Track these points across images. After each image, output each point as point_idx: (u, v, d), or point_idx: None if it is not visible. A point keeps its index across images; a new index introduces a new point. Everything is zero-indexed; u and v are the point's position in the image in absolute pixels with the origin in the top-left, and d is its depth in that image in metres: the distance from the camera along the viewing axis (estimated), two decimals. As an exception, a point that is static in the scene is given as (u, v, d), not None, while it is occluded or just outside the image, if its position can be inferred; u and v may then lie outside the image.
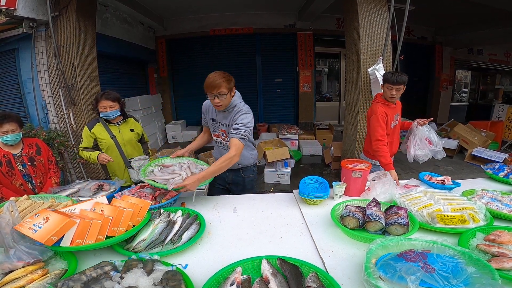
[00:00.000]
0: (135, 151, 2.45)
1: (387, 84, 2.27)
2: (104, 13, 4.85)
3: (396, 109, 2.41)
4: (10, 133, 1.95)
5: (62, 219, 1.08)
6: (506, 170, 2.02)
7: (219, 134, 1.98)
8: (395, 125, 2.44)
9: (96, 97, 2.29)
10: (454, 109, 8.67)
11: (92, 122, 2.34)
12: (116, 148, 2.34)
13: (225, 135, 1.93)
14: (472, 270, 0.86)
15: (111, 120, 2.34)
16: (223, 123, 1.90)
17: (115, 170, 2.43)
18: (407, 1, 3.15)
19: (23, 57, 3.59)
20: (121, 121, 2.38)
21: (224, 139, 1.96)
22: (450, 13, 6.49)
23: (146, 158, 2.45)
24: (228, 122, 1.88)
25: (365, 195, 1.72)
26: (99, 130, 2.31)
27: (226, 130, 1.90)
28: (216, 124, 1.97)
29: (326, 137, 6.26)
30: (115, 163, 2.38)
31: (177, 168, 1.92)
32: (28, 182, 2.09)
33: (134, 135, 2.44)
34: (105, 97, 2.23)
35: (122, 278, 0.90)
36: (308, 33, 7.20)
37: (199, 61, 7.48)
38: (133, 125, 2.46)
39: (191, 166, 1.94)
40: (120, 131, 2.36)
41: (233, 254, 1.20)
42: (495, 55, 8.24)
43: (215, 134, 2.02)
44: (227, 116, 1.87)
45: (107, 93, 2.26)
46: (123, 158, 2.38)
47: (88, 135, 2.30)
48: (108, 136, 2.31)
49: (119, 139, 2.34)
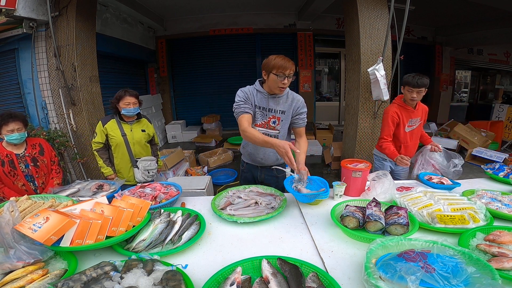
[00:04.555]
0: (143, 151, 2.47)
1: (407, 87, 2.24)
2: (104, 13, 4.85)
3: (416, 113, 2.35)
4: (16, 132, 1.95)
5: (62, 219, 1.08)
6: (506, 170, 2.02)
7: (266, 122, 1.84)
8: (411, 130, 2.39)
9: (119, 94, 2.30)
10: (454, 109, 8.67)
11: (106, 118, 2.39)
12: (125, 146, 2.37)
13: (277, 122, 1.83)
14: (472, 270, 0.86)
15: (127, 118, 2.37)
16: (277, 110, 1.81)
17: (121, 168, 2.45)
18: (407, 1, 3.15)
19: (23, 57, 3.59)
20: (135, 120, 2.41)
21: (275, 127, 1.84)
22: (450, 13, 6.49)
23: (153, 159, 2.49)
24: (284, 109, 1.81)
25: (365, 195, 1.72)
26: (112, 127, 2.35)
27: (281, 117, 1.83)
28: (264, 112, 1.82)
29: (326, 137, 6.27)
30: (122, 161, 2.42)
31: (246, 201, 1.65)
32: (30, 182, 2.09)
33: (144, 135, 2.46)
34: (129, 93, 2.29)
35: (122, 278, 0.90)
36: (308, 33, 7.20)
37: (199, 61, 7.48)
38: (145, 126, 2.48)
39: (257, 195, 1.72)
40: (132, 130, 2.38)
41: (233, 254, 1.20)
42: (495, 55, 8.24)
43: (259, 123, 1.85)
44: (278, 101, 1.80)
45: (130, 90, 2.31)
46: (130, 157, 2.41)
47: (101, 130, 2.35)
48: (119, 134, 2.34)
49: (129, 137, 2.37)
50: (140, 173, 2.40)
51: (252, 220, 1.43)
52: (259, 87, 1.80)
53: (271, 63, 1.67)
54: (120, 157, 2.41)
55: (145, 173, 2.42)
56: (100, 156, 2.42)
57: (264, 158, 1.94)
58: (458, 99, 9.53)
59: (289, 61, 1.67)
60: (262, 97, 1.80)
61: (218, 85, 7.52)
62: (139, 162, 2.40)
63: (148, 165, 2.43)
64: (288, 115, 1.86)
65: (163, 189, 1.77)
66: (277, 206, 1.58)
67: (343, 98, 8.03)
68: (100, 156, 2.42)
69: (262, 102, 1.80)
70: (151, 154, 2.56)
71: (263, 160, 1.95)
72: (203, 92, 7.62)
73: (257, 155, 1.94)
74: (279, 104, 1.82)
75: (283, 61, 1.65)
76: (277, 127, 1.86)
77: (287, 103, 1.84)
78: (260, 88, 1.80)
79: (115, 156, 2.43)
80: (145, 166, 2.42)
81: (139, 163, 2.40)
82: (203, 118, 7.16)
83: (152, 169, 2.48)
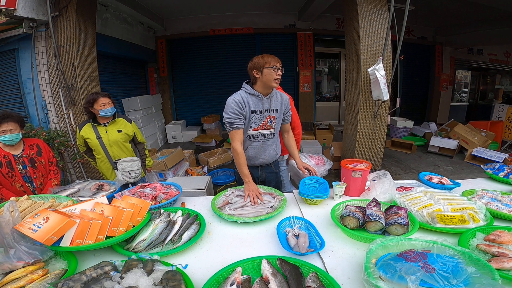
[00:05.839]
0: (122, 152, 2.43)
1: None
2: (104, 13, 4.85)
3: None
4: (8, 133, 1.93)
5: (62, 219, 1.08)
6: (506, 170, 2.02)
7: (264, 123, 1.87)
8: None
9: (92, 98, 2.28)
10: (454, 109, 8.67)
11: (82, 124, 2.40)
12: (101, 148, 2.37)
13: (273, 121, 1.90)
14: (472, 270, 0.86)
15: (100, 120, 2.36)
16: (272, 109, 1.87)
17: (103, 170, 2.46)
18: (407, 1, 3.15)
19: (23, 57, 3.59)
20: (109, 122, 2.38)
21: (271, 126, 1.91)
22: (450, 13, 6.49)
23: (135, 159, 2.44)
24: (276, 108, 1.89)
25: (365, 195, 1.72)
26: (87, 131, 2.36)
27: (275, 115, 1.90)
28: (261, 114, 1.84)
29: (326, 137, 6.26)
30: (103, 163, 2.42)
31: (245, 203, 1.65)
32: (28, 183, 2.08)
33: (122, 136, 2.41)
34: (101, 95, 2.29)
35: (122, 278, 0.90)
36: (308, 33, 7.20)
37: (199, 61, 7.48)
38: (122, 126, 2.43)
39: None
40: (107, 132, 2.36)
41: (233, 254, 1.20)
42: (495, 55, 8.24)
43: (256, 127, 1.86)
44: (271, 101, 1.86)
45: (101, 92, 2.32)
46: (108, 159, 2.39)
47: (79, 136, 2.39)
48: (94, 137, 2.34)
49: (104, 140, 2.36)
50: (120, 175, 2.37)
51: (252, 220, 1.43)
52: (252, 90, 1.81)
53: (260, 61, 1.75)
54: (101, 159, 2.41)
55: (125, 174, 2.38)
56: (89, 157, 2.50)
57: (265, 158, 1.98)
58: (458, 99, 9.53)
59: (274, 56, 1.78)
60: (257, 100, 1.82)
61: (218, 85, 7.51)
62: (118, 163, 2.37)
63: (128, 166, 2.38)
64: (280, 112, 1.93)
65: (163, 189, 1.77)
66: (276, 206, 1.58)
67: (343, 98, 8.03)
68: (90, 157, 2.49)
69: (257, 105, 1.82)
70: (133, 154, 2.51)
71: (264, 160, 1.98)
72: (203, 92, 7.62)
73: (259, 157, 1.96)
74: (272, 103, 1.87)
75: (271, 57, 1.76)
76: (273, 125, 1.92)
77: (278, 102, 1.91)
78: (252, 91, 1.81)
79: (97, 158, 2.43)
80: (125, 167, 2.37)
81: (118, 164, 2.37)
82: (203, 118, 7.15)
83: (134, 170, 2.42)
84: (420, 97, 8.51)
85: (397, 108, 4.31)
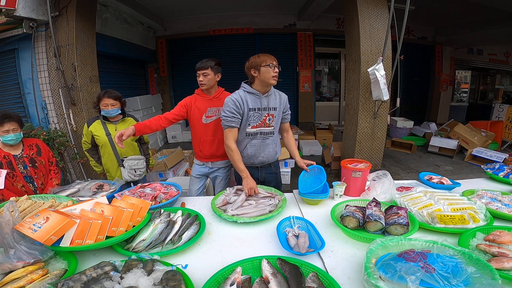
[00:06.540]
0: (130, 150, 2.47)
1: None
2: (104, 13, 4.85)
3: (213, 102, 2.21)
4: (11, 133, 1.95)
5: (62, 219, 1.08)
6: (506, 170, 2.02)
7: (262, 122, 1.88)
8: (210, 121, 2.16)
9: (99, 95, 2.37)
10: (454, 109, 8.67)
11: (91, 120, 2.43)
12: (110, 146, 2.39)
13: (272, 119, 1.90)
14: (472, 270, 0.86)
15: (109, 118, 2.41)
16: (270, 107, 1.88)
17: (108, 167, 2.48)
18: (407, 1, 3.15)
19: (23, 57, 3.59)
20: (119, 120, 2.44)
21: (270, 124, 1.91)
22: (450, 13, 6.49)
23: (141, 158, 2.49)
24: (275, 106, 1.90)
25: (365, 195, 1.72)
26: (96, 128, 2.39)
27: (274, 113, 1.91)
28: (259, 112, 1.85)
29: (326, 137, 6.26)
30: (109, 160, 2.44)
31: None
32: (30, 183, 2.08)
33: None
34: (107, 95, 2.33)
35: (122, 278, 0.90)
36: (308, 33, 7.20)
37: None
38: (131, 125, 2.46)
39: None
40: (117, 130, 2.38)
41: (233, 254, 1.20)
42: (495, 55, 8.24)
43: (254, 124, 1.87)
44: (269, 99, 1.87)
45: (109, 92, 2.35)
46: (116, 156, 2.42)
47: (87, 132, 2.41)
48: (104, 134, 2.37)
49: (114, 137, 2.36)
50: (126, 172, 2.41)
51: (252, 220, 1.43)
52: (250, 89, 1.83)
53: (257, 60, 1.77)
54: (107, 156, 2.43)
55: (131, 172, 2.42)
56: (91, 156, 2.50)
57: (265, 156, 1.97)
58: (458, 99, 9.54)
59: (270, 55, 1.80)
60: (255, 98, 1.84)
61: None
62: (125, 161, 2.40)
63: (134, 164, 2.43)
64: (279, 111, 1.94)
65: (163, 189, 1.77)
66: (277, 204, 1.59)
67: (343, 98, 8.03)
68: (92, 156, 2.50)
69: (256, 103, 1.84)
70: (139, 153, 2.56)
71: (264, 158, 1.97)
72: (203, 92, 7.59)
73: (258, 156, 1.95)
74: (270, 102, 1.88)
75: (267, 56, 1.78)
76: (272, 123, 1.92)
77: (277, 100, 1.92)
78: (251, 89, 1.83)
79: (102, 155, 2.46)
80: (131, 165, 2.42)
81: (125, 162, 2.40)
82: (203, 118, 7.15)
83: (139, 168, 2.47)
84: (420, 97, 8.51)
85: (397, 108, 4.31)
